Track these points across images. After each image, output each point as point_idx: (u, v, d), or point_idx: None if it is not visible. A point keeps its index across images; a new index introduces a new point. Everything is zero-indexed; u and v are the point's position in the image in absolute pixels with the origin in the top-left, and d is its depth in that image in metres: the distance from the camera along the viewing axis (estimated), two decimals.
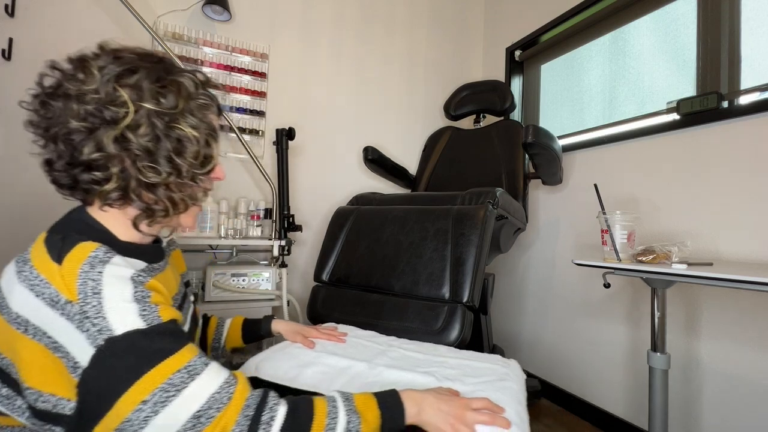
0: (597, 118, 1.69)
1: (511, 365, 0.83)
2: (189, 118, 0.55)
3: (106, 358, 0.45)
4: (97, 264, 0.47)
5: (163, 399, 0.45)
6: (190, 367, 0.47)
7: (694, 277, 0.82)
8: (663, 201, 1.32)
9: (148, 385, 0.45)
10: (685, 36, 1.37)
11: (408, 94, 2.14)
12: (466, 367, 0.80)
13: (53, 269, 0.46)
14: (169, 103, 0.53)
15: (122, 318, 0.46)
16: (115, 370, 0.45)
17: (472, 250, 1.06)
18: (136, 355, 0.46)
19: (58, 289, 0.45)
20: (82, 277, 0.46)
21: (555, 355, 1.70)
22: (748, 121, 1.13)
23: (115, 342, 0.45)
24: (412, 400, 0.57)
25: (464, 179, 1.78)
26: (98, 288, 0.46)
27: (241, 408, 0.48)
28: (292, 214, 1.60)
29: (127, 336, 0.46)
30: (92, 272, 0.46)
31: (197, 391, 0.47)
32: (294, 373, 0.75)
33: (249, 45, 1.73)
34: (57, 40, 1.40)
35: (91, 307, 0.45)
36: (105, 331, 0.45)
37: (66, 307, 0.45)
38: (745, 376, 1.10)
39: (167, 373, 0.46)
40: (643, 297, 1.35)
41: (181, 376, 0.46)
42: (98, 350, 0.45)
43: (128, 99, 0.50)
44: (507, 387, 0.71)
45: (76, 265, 0.46)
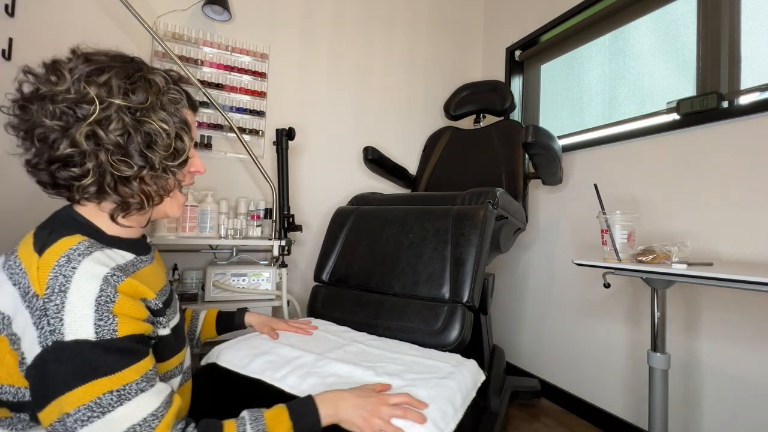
0: (597, 118, 1.69)
1: (466, 365, 0.85)
2: (159, 112, 0.57)
3: (48, 361, 0.45)
4: (74, 258, 0.48)
5: (85, 417, 0.45)
6: (122, 392, 0.47)
7: (694, 277, 0.82)
8: (663, 201, 1.32)
9: (75, 399, 0.45)
10: (685, 36, 1.37)
11: (408, 94, 2.14)
12: (413, 364, 0.82)
13: (33, 260, 0.48)
14: (139, 99, 0.55)
15: (76, 324, 0.46)
16: (51, 375, 0.45)
17: (472, 250, 1.06)
18: (73, 367, 0.45)
19: (30, 281, 0.47)
20: (54, 271, 0.47)
21: (555, 354, 1.70)
22: (748, 121, 1.13)
23: (60, 347, 0.45)
24: (328, 401, 0.60)
25: (464, 179, 1.78)
26: (66, 285, 0.46)
27: None
28: (292, 214, 1.60)
29: (73, 344, 0.45)
30: (66, 267, 0.47)
31: (119, 418, 0.46)
32: (246, 361, 0.80)
33: (249, 45, 1.73)
34: (57, 40, 1.39)
35: (53, 305, 0.46)
36: (56, 333, 0.45)
37: (32, 300, 0.46)
38: (745, 376, 1.10)
39: (97, 392, 0.45)
40: (643, 297, 1.35)
41: (111, 398, 0.46)
42: (43, 350, 0.45)
43: (95, 96, 0.52)
44: (443, 385, 0.73)
45: (54, 258, 0.48)
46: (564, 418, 1.55)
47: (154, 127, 0.55)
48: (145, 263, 0.63)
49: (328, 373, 0.76)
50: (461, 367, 0.83)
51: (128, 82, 0.55)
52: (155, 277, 0.64)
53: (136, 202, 0.57)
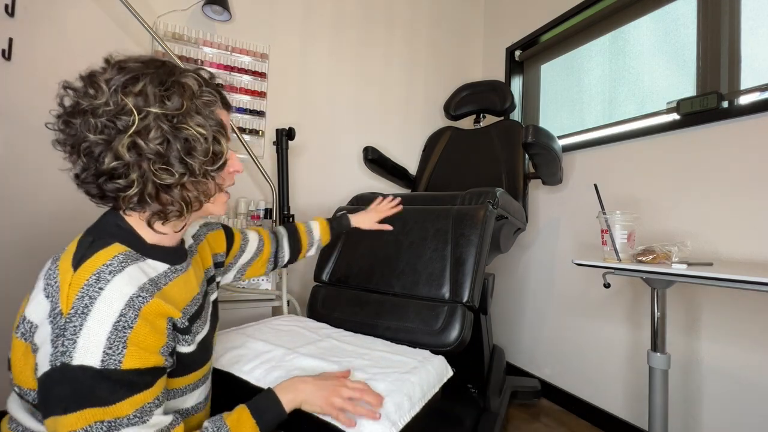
0: (597, 118, 1.69)
1: (432, 361, 0.88)
2: (195, 117, 0.56)
3: (53, 380, 0.47)
4: (104, 277, 0.50)
5: None
6: (113, 424, 0.47)
7: (694, 277, 0.82)
8: (663, 201, 1.32)
9: (68, 423, 0.46)
10: (685, 36, 1.37)
11: (408, 94, 2.14)
12: (380, 359, 0.86)
13: (68, 276, 0.50)
14: (174, 105, 0.54)
15: (86, 349, 0.47)
16: (52, 394, 0.47)
17: (472, 250, 1.06)
18: (72, 390, 0.46)
19: (60, 298, 0.48)
20: (82, 291, 0.48)
21: (555, 355, 1.70)
22: (748, 121, 1.13)
23: (66, 369, 0.46)
24: (287, 388, 0.65)
25: (464, 179, 1.78)
26: (89, 308, 0.48)
27: None
28: (292, 214, 1.60)
29: (78, 369, 0.46)
30: (94, 287, 0.49)
31: None
32: (220, 354, 0.84)
33: (249, 45, 1.73)
34: (57, 40, 1.39)
35: (71, 326, 0.47)
36: (65, 356, 0.46)
37: (57, 318, 0.48)
38: (745, 376, 1.10)
39: (89, 420, 0.46)
40: (643, 297, 1.35)
41: (101, 428, 0.47)
42: (51, 369, 0.47)
43: (133, 106, 0.52)
44: (403, 379, 0.76)
45: (85, 276, 0.49)
46: (564, 418, 1.55)
47: (192, 132, 0.55)
48: (179, 273, 0.63)
49: (294, 366, 0.79)
50: (426, 363, 0.86)
51: (162, 88, 0.55)
52: (186, 287, 0.64)
53: (176, 209, 0.57)
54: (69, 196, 1.40)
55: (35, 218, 1.36)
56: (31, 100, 1.35)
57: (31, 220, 1.35)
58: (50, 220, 1.37)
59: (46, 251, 1.35)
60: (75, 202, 1.41)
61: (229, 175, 0.66)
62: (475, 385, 1.41)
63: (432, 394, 0.81)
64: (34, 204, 1.36)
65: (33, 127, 1.35)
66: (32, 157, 1.35)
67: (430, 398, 0.80)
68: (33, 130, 1.35)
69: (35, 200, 1.36)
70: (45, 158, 1.37)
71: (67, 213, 1.39)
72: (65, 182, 1.50)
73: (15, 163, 1.33)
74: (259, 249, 0.94)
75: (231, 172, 0.66)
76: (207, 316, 0.71)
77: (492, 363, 1.47)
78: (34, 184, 1.35)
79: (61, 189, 1.39)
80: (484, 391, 1.37)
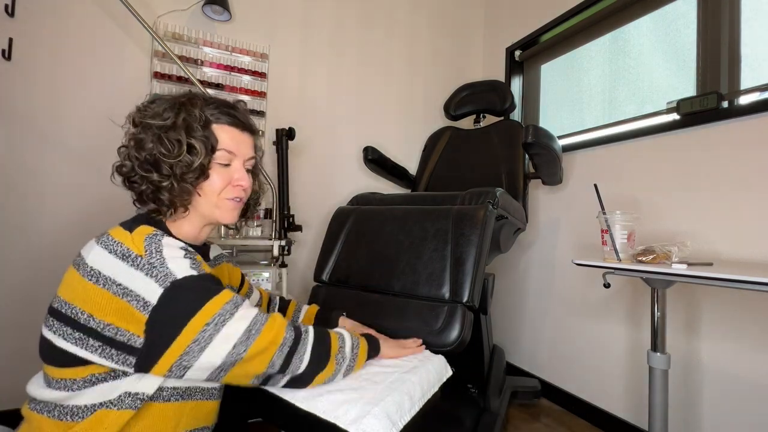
0: (597, 118, 1.69)
1: (432, 360, 0.89)
2: (181, 130, 0.67)
3: (174, 295, 0.59)
4: (157, 238, 0.62)
5: (222, 321, 0.60)
6: (233, 302, 0.63)
7: (694, 277, 0.82)
8: (663, 201, 1.32)
9: (208, 312, 0.60)
10: (685, 36, 1.37)
11: (408, 94, 2.13)
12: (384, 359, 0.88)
13: (126, 235, 0.62)
14: (164, 118, 0.67)
15: (180, 268, 0.61)
16: (181, 302, 0.59)
17: (472, 250, 1.06)
18: (195, 292, 0.60)
19: (129, 247, 0.60)
20: (147, 240, 0.61)
21: (555, 355, 1.70)
22: (748, 121, 1.13)
23: (177, 283, 0.59)
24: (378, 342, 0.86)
25: (464, 179, 1.77)
26: (159, 248, 0.61)
27: (285, 324, 0.68)
28: (292, 214, 1.60)
29: (186, 279, 0.60)
30: (154, 239, 0.62)
31: (244, 314, 0.63)
32: None
33: (249, 45, 1.73)
34: (57, 40, 1.39)
35: (156, 259, 0.60)
36: (170, 276, 0.59)
37: (136, 259, 0.59)
38: (745, 376, 1.10)
39: (220, 303, 0.61)
40: (643, 297, 1.35)
41: (229, 306, 0.62)
42: (165, 290, 0.58)
43: (134, 120, 0.69)
44: (404, 379, 0.78)
45: (143, 234, 0.62)
46: (564, 418, 1.55)
47: (168, 144, 0.66)
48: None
49: None
50: (426, 362, 0.87)
51: (165, 106, 0.69)
52: None
53: (166, 207, 0.69)
54: (69, 195, 1.40)
55: (35, 218, 1.36)
56: (31, 100, 1.35)
57: (30, 219, 1.35)
58: (50, 219, 1.37)
59: (46, 250, 1.35)
60: (75, 202, 1.41)
61: (230, 187, 0.74)
62: (475, 385, 1.41)
63: (432, 394, 0.81)
64: (34, 204, 1.36)
65: (33, 127, 1.35)
66: (32, 157, 1.35)
67: (430, 397, 0.80)
68: (33, 130, 1.35)
69: (35, 200, 1.36)
70: (45, 158, 1.37)
71: (67, 212, 1.39)
72: (65, 182, 1.50)
73: (15, 163, 1.33)
74: (258, 305, 1.02)
75: (234, 185, 0.75)
76: None
77: (492, 363, 1.47)
78: (35, 184, 1.35)
79: (62, 189, 1.39)
80: (484, 391, 1.37)
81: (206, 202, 0.72)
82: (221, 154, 0.72)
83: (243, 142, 0.75)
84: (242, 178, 0.75)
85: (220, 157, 0.72)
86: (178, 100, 0.70)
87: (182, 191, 0.68)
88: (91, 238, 0.65)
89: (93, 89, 1.45)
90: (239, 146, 0.74)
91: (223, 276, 0.87)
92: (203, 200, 0.72)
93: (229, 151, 0.72)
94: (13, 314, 1.30)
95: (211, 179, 0.71)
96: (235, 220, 0.77)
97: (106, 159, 1.44)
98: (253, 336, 0.62)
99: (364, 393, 0.70)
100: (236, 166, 0.74)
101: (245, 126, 0.76)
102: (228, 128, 0.73)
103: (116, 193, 1.44)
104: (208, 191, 0.72)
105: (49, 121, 1.38)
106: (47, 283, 1.29)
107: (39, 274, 1.34)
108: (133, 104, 0.73)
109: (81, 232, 1.41)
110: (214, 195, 0.72)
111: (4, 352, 1.29)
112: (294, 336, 0.68)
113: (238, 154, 0.74)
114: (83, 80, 1.44)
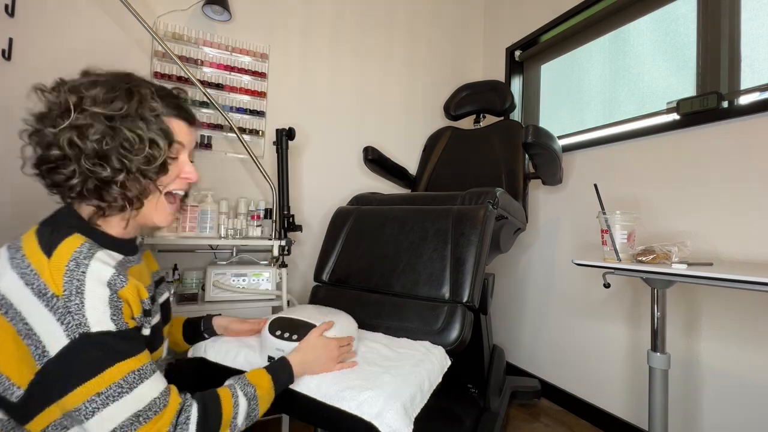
0: (597, 118, 1.69)
1: (434, 352, 0.92)
2: (136, 120, 0.61)
3: (77, 349, 0.51)
4: (81, 262, 0.54)
5: (116, 394, 0.53)
6: (141, 371, 0.56)
7: (694, 277, 0.82)
8: (663, 201, 1.32)
9: (106, 379, 0.52)
10: (685, 36, 1.37)
11: (408, 94, 2.13)
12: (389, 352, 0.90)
13: (43, 262, 0.53)
14: (116, 107, 0.60)
15: (98, 318, 0.53)
16: (82, 361, 0.52)
17: (472, 250, 1.06)
18: (103, 351, 0.53)
19: (46, 282, 0.52)
20: (68, 276, 0.53)
21: (555, 355, 1.70)
22: (748, 121, 1.13)
23: (88, 337, 0.52)
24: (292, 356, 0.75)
25: (464, 179, 1.77)
26: (81, 288, 0.53)
27: (175, 413, 0.57)
28: (292, 214, 1.60)
29: (99, 334, 0.53)
30: (77, 271, 0.53)
31: (144, 392, 0.55)
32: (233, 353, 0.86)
33: (249, 45, 1.73)
34: (57, 40, 1.39)
35: (74, 304, 0.52)
36: (83, 326, 0.52)
37: (52, 300, 0.51)
38: (745, 376, 1.10)
39: (124, 371, 0.54)
40: (643, 297, 1.35)
41: (134, 376, 0.55)
42: (72, 342, 0.51)
43: (72, 104, 0.58)
44: (415, 372, 0.80)
45: (63, 261, 0.53)
46: (564, 418, 1.55)
47: (127, 134, 0.60)
48: (132, 263, 0.68)
49: None
50: (429, 354, 0.90)
51: (111, 92, 0.61)
52: (141, 277, 0.69)
53: (117, 205, 0.62)
54: None
55: (35, 217, 1.35)
56: (31, 100, 1.35)
57: (30, 219, 1.35)
58: None
59: None
60: None
61: (178, 180, 0.70)
62: (475, 385, 1.41)
63: (437, 384, 0.85)
64: (34, 204, 1.36)
65: None
66: None
67: (435, 387, 0.84)
68: None
69: (35, 200, 1.36)
70: None
71: None
72: None
73: (15, 163, 1.33)
74: None
75: (182, 178, 0.70)
76: (157, 307, 0.75)
77: (492, 363, 1.47)
78: (34, 183, 1.35)
79: None
80: (484, 391, 1.38)
81: (147, 203, 0.66)
82: (174, 147, 0.67)
83: (191, 135, 0.71)
84: (191, 172, 0.70)
85: (173, 150, 0.67)
86: (123, 84, 0.62)
87: (142, 188, 0.63)
88: None
89: None
90: (188, 138, 0.70)
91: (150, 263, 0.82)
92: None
93: (179, 143, 0.68)
94: None
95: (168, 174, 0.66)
96: (170, 223, 0.71)
97: None
98: (140, 422, 0.53)
99: (385, 387, 0.72)
100: (184, 159, 0.70)
101: (194, 119, 0.72)
102: (177, 121, 0.68)
103: None
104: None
105: None
106: None
107: None
108: None
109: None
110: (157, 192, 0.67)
111: None
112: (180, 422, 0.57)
113: (186, 146, 0.70)
114: None
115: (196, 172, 0.72)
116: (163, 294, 0.82)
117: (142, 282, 0.67)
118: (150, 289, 0.70)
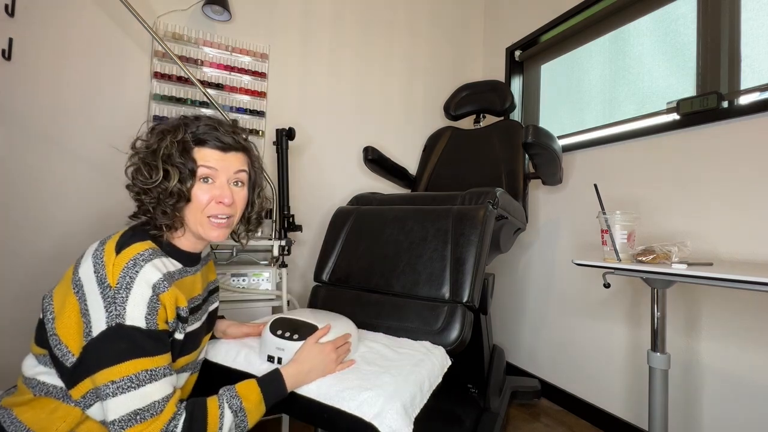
0: (597, 118, 1.69)
1: (434, 352, 0.92)
2: (155, 157, 0.70)
3: (110, 337, 0.60)
4: (138, 263, 0.64)
5: (126, 386, 0.59)
6: (154, 372, 0.62)
7: (694, 277, 0.82)
8: (663, 201, 1.32)
9: (122, 370, 0.59)
10: (685, 36, 1.37)
11: (408, 94, 2.13)
12: (389, 352, 0.90)
13: (112, 257, 0.63)
14: (142, 146, 0.72)
15: (134, 314, 0.61)
16: (109, 348, 0.60)
17: (472, 250, 1.06)
18: (127, 345, 0.60)
19: (107, 274, 0.62)
20: (124, 272, 0.62)
21: (555, 355, 1.70)
22: (748, 121, 1.13)
23: (121, 328, 0.60)
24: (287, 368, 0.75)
25: (464, 179, 1.77)
26: (131, 285, 0.62)
27: (167, 420, 0.61)
28: (292, 214, 1.60)
29: (130, 329, 0.61)
30: (132, 270, 0.63)
31: (149, 392, 0.60)
32: (233, 354, 0.87)
33: (249, 45, 1.72)
34: (57, 40, 1.39)
35: (120, 297, 0.61)
36: (120, 317, 0.60)
37: (107, 289, 0.61)
38: (745, 376, 1.10)
39: (138, 368, 0.60)
40: (643, 297, 1.35)
41: (145, 375, 0.61)
42: (108, 328, 0.60)
43: (131, 146, 0.74)
44: (415, 372, 0.80)
45: (125, 260, 0.63)
46: (564, 418, 1.55)
47: (143, 169, 0.70)
48: (188, 274, 0.77)
49: None
50: (430, 354, 0.90)
51: (150, 132, 0.73)
52: (193, 287, 0.78)
53: (158, 226, 0.72)
54: (68, 196, 1.40)
55: (35, 217, 1.36)
56: (31, 100, 1.35)
57: (30, 219, 1.35)
58: (50, 219, 1.37)
59: (45, 249, 1.35)
60: (74, 202, 1.41)
61: (213, 204, 0.74)
62: (475, 385, 1.41)
63: (437, 384, 0.85)
64: (33, 204, 1.36)
65: (33, 128, 1.35)
66: (33, 158, 1.35)
67: (435, 387, 0.84)
68: (33, 131, 1.35)
69: (35, 200, 1.36)
70: (45, 159, 1.37)
71: (66, 212, 1.39)
72: (66, 182, 1.50)
73: (16, 163, 1.33)
74: None
75: (217, 203, 0.75)
76: (203, 316, 0.82)
77: (492, 363, 1.47)
78: (35, 183, 1.35)
79: (61, 189, 1.39)
80: (484, 391, 1.38)
81: (193, 220, 0.74)
82: (203, 171, 0.73)
83: (225, 160, 0.75)
84: (224, 195, 0.74)
85: (202, 174, 0.73)
86: (170, 125, 0.73)
87: (163, 215, 0.71)
88: (92, 239, 0.68)
89: (93, 89, 1.45)
90: (221, 164, 0.75)
91: (210, 273, 0.92)
92: (191, 218, 0.74)
93: (209, 167, 0.73)
94: (12, 313, 1.30)
95: (194, 200, 0.73)
96: (221, 238, 0.77)
97: (106, 159, 1.46)
98: (136, 421, 0.59)
99: (385, 387, 0.72)
100: (219, 183, 0.75)
101: (229, 147, 0.76)
102: (208, 151, 0.74)
103: (114, 194, 1.43)
104: (193, 209, 0.73)
105: (50, 121, 1.38)
106: (45, 282, 1.29)
107: (39, 273, 1.34)
108: (133, 104, 0.75)
109: (81, 233, 1.41)
110: (198, 212, 0.73)
111: (4, 347, 1.30)
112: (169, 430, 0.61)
113: (221, 171, 0.75)
114: (83, 80, 1.44)
115: (230, 196, 0.75)
116: (214, 303, 0.90)
117: (192, 292, 0.77)
118: (196, 299, 0.79)
